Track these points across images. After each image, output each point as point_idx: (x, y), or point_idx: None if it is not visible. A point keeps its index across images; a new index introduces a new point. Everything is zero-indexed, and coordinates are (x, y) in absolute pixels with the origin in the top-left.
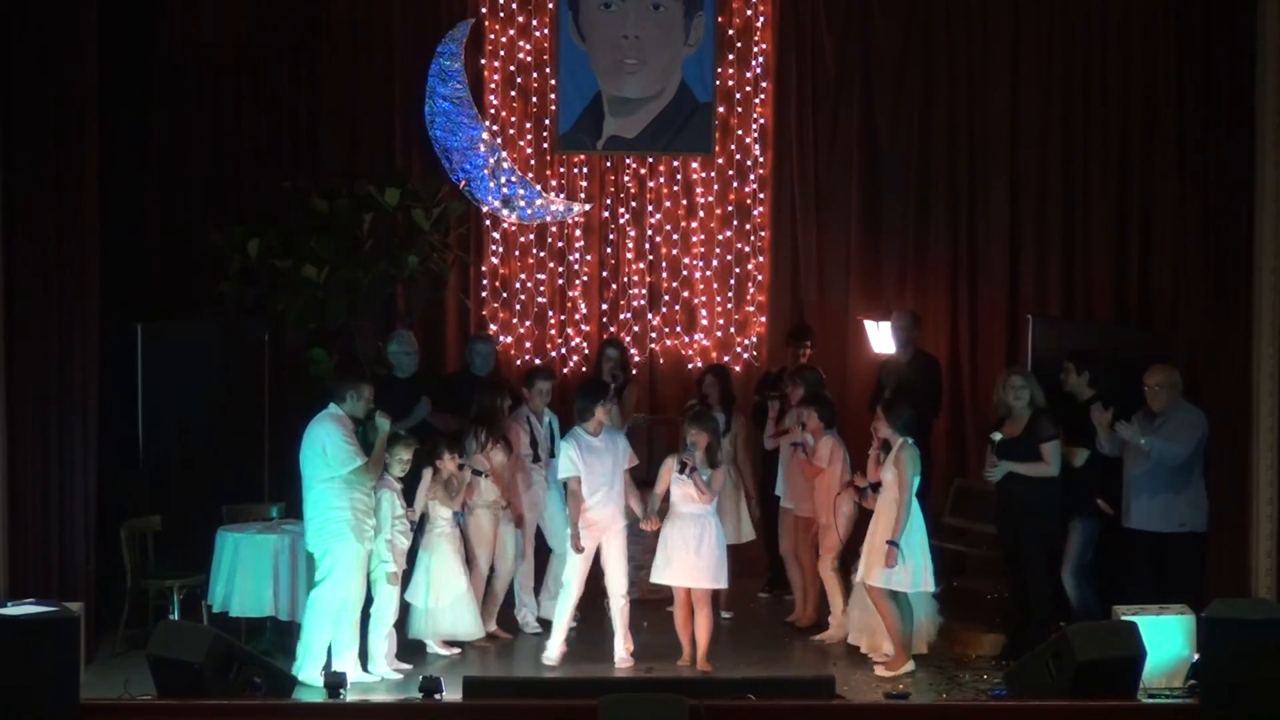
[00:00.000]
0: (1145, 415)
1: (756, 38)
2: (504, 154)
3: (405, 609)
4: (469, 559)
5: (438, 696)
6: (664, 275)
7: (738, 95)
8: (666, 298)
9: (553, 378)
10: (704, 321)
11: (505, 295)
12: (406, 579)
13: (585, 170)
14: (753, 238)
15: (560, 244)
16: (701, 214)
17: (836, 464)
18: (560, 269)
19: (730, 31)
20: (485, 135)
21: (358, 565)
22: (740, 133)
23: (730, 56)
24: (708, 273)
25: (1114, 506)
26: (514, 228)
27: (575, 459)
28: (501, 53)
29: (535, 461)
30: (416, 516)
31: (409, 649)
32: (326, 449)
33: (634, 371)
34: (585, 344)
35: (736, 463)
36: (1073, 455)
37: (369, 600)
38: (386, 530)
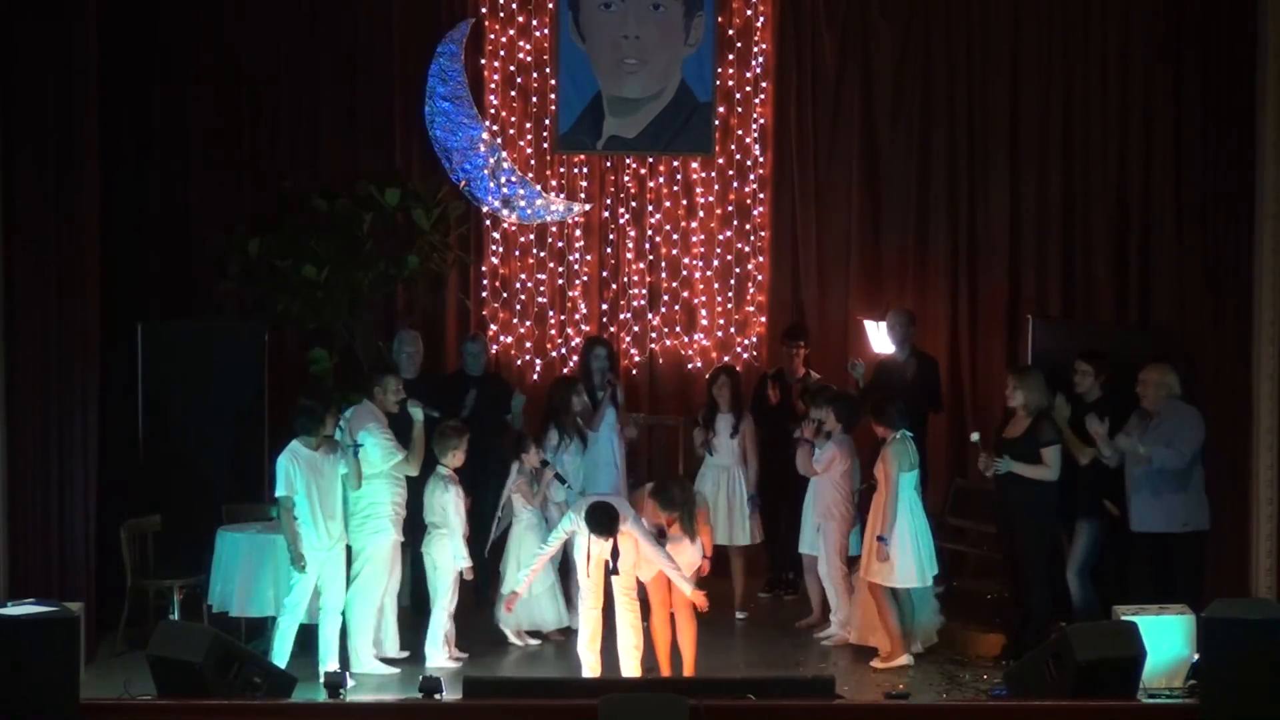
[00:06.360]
0: (1141, 416)
1: (756, 38)
2: (504, 154)
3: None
4: None
5: (438, 696)
6: (664, 275)
7: (738, 95)
8: (666, 298)
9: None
10: (704, 321)
11: (505, 295)
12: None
13: (585, 170)
14: (753, 238)
15: (560, 244)
16: (701, 214)
17: (835, 471)
18: (560, 269)
19: (730, 31)
20: (485, 135)
21: (394, 555)
22: (740, 133)
23: (730, 56)
24: (708, 273)
25: (1119, 507)
26: (514, 228)
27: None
28: (501, 53)
29: None
30: (500, 510)
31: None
32: (365, 446)
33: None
34: None
35: (745, 463)
36: (1080, 453)
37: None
38: (463, 527)
